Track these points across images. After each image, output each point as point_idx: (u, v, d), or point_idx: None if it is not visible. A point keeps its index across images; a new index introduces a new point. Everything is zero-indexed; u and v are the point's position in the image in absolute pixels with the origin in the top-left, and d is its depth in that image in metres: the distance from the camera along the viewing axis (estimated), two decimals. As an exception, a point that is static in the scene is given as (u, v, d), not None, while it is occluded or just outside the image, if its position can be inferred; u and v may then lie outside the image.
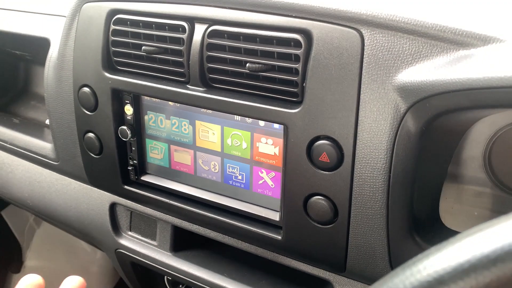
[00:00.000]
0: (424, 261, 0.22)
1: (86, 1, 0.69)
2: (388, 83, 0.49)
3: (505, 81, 0.40)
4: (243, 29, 0.57)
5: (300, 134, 0.55)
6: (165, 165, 0.72)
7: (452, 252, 0.21)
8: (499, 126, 0.58)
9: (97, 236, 0.89)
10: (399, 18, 0.48)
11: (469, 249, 0.21)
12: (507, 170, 0.58)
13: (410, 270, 0.23)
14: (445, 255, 0.21)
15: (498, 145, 0.58)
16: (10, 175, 0.99)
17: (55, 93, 0.77)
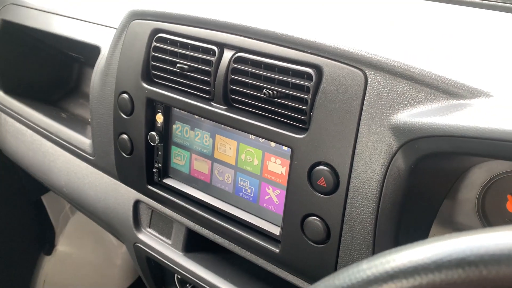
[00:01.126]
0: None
1: (135, 18, 0.78)
2: (384, 122, 0.54)
3: (482, 133, 0.44)
4: (265, 59, 0.63)
5: (303, 158, 0.60)
6: (185, 171, 0.79)
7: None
8: (495, 173, 0.61)
9: (120, 229, 0.97)
10: (400, 64, 0.53)
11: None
12: (498, 216, 0.61)
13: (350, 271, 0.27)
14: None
15: (493, 190, 0.61)
16: (52, 163, 1.10)
17: (98, 95, 0.87)
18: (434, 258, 0.24)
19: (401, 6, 0.80)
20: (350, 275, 0.26)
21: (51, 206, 1.73)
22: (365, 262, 0.26)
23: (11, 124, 1.22)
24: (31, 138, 1.15)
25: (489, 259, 0.22)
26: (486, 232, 0.23)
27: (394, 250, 0.26)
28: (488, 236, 0.23)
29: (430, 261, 0.24)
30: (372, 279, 0.25)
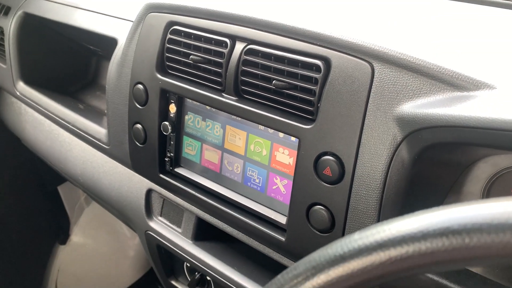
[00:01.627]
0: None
1: (151, 11, 0.81)
2: (389, 113, 0.55)
3: (484, 123, 0.45)
4: (275, 51, 0.65)
5: (310, 148, 0.62)
6: (196, 161, 0.81)
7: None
8: (501, 167, 0.61)
9: (132, 217, 0.99)
10: (406, 56, 0.54)
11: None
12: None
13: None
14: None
15: (498, 185, 0.62)
16: (69, 152, 1.13)
17: (114, 86, 0.89)
18: (420, 228, 0.25)
19: (407, 1, 0.81)
20: (343, 245, 0.28)
21: (67, 196, 1.77)
22: (357, 233, 0.28)
23: (31, 114, 1.26)
24: (49, 128, 1.18)
25: (471, 228, 0.23)
26: (469, 205, 0.25)
27: (385, 222, 0.27)
28: (471, 208, 0.24)
29: (416, 231, 0.25)
30: (363, 248, 0.27)
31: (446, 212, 0.25)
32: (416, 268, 0.25)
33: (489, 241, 0.23)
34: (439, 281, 0.55)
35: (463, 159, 0.59)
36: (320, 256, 0.28)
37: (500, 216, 0.23)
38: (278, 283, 0.30)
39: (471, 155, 0.59)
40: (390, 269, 0.26)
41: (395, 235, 0.26)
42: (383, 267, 0.26)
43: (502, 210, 0.23)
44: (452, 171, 0.60)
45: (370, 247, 0.26)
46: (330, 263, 0.27)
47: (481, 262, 0.24)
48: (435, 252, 0.24)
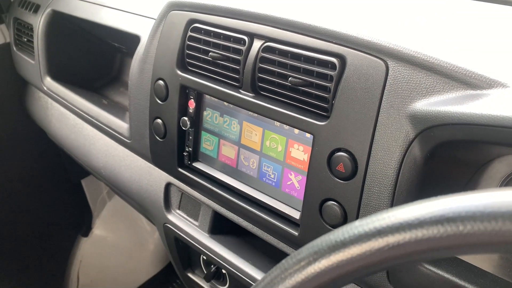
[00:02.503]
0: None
1: (173, 9, 0.83)
2: (403, 110, 0.55)
3: (495, 120, 0.45)
4: (292, 48, 0.66)
5: (324, 144, 0.63)
6: (214, 156, 0.83)
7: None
8: (516, 167, 0.61)
9: (151, 210, 1.02)
10: (420, 54, 0.55)
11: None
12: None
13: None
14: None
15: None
16: (92, 146, 1.17)
17: (137, 81, 0.92)
18: (417, 216, 0.26)
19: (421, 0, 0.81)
20: (344, 232, 0.29)
21: (90, 190, 1.82)
22: (358, 221, 0.29)
23: (57, 109, 1.30)
24: (73, 122, 1.22)
25: (465, 216, 0.24)
26: (465, 195, 0.26)
27: (385, 211, 0.28)
28: (467, 197, 0.25)
29: (414, 218, 0.26)
30: (363, 234, 0.28)
31: (442, 201, 0.26)
32: (413, 255, 0.26)
33: (481, 229, 0.24)
34: (450, 278, 0.56)
35: (477, 158, 0.59)
36: (322, 242, 0.30)
37: (492, 205, 0.24)
38: (283, 267, 0.31)
39: (485, 154, 0.59)
40: (388, 255, 0.27)
41: (393, 222, 0.27)
42: (381, 252, 0.27)
43: (494, 199, 0.24)
44: (466, 170, 0.60)
45: (370, 233, 0.27)
46: (331, 249, 0.29)
47: (474, 249, 0.25)
48: (430, 239, 0.25)
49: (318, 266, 0.29)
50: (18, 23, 1.35)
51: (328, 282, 0.29)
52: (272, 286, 0.31)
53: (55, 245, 1.79)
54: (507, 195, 0.24)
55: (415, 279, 0.59)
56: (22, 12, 1.32)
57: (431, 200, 0.26)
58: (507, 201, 0.24)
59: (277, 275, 0.31)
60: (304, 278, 0.30)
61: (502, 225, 0.23)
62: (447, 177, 0.59)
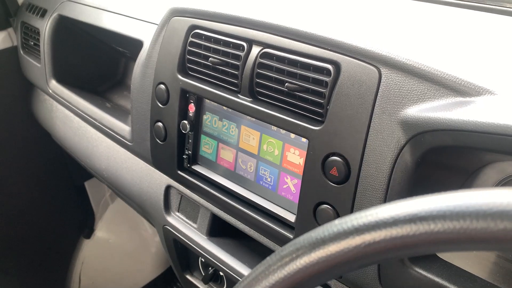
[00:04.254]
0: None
1: (174, 15, 0.85)
2: (394, 116, 0.57)
3: (481, 127, 0.46)
4: (289, 55, 0.68)
5: (319, 148, 0.64)
6: (212, 159, 0.85)
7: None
8: (508, 173, 0.62)
9: (151, 211, 1.04)
10: (412, 62, 0.56)
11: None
12: None
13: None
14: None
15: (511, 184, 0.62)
16: (95, 148, 1.19)
17: (139, 85, 0.94)
18: (392, 215, 0.27)
19: (413, 8, 0.83)
20: (324, 230, 0.30)
21: (93, 192, 1.84)
22: (337, 220, 0.30)
23: (61, 111, 1.32)
24: (77, 124, 1.25)
25: (436, 215, 0.26)
26: (438, 195, 0.27)
27: (363, 210, 0.30)
28: (439, 197, 0.26)
29: (389, 217, 0.27)
30: (341, 232, 0.29)
31: (417, 201, 0.27)
32: (388, 252, 0.28)
33: (451, 227, 0.25)
34: (440, 282, 0.57)
35: (469, 164, 0.60)
36: (304, 240, 0.31)
37: (461, 205, 0.25)
38: (267, 264, 0.32)
39: (476, 161, 0.60)
40: (365, 252, 0.28)
41: (370, 220, 0.28)
42: (358, 249, 0.28)
43: (465, 200, 0.25)
44: (458, 176, 0.61)
45: (348, 231, 0.29)
46: (312, 246, 0.30)
47: (445, 247, 0.26)
48: (404, 237, 0.27)
49: (299, 262, 0.30)
50: (25, 27, 1.38)
51: (309, 277, 0.30)
52: (257, 281, 0.32)
53: (57, 247, 1.81)
54: (476, 196, 0.25)
55: (406, 282, 0.60)
56: (30, 17, 1.35)
57: (407, 200, 0.28)
58: (475, 201, 0.25)
59: (262, 271, 0.32)
60: (287, 274, 0.31)
61: (470, 223, 0.24)
62: (439, 183, 0.60)
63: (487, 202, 0.25)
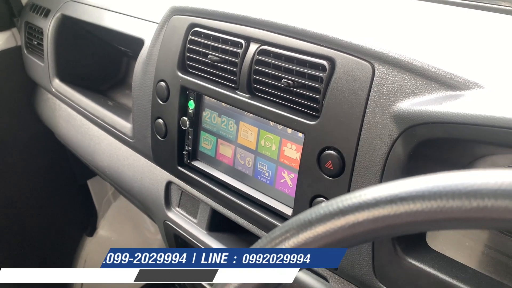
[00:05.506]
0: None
1: (174, 14, 0.87)
2: (387, 111, 0.58)
3: (469, 119, 0.48)
4: (285, 51, 0.69)
5: (314, 142, 0.66)
6: (212, 155, 0.87)
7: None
8: (499, 166, 0.63)
9: (152, 207, 1.05)
10: (405, 57, 0.57)
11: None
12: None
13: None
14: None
15: (496, 185, 0.64)
16: (97, 146, 1.20)
17: (140, 83, 0.96)
18: (375, 196, 0.29)
19: (407, 6, 0.85)
20: (311, 212, 0.32)
21: (96, 190, 1.86)
22: (324, 203, 0.32)
23: (64, 110, 1.34)
24: (80, 122, 1.26)
25: (415, 195, 0.27)
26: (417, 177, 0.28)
27: (348, 193, 0.31)
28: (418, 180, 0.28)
29: (372, 198, 0.29)
30: (327, 214, 0.31)
31: (398, 183, 0.29)
32: (371, 232, 0.29)
33: (429, 206, 0.27)
34: (433, 272, 0.58)
35: (460, 158, 0.61)
36: (293, 222, 0.32)
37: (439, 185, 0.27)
38: (258, 246, 0.34)
39: (468, 154, 0.61)
40: (349, 232, 0.30)
41: (354, 202, 0.30)
42: (342, 230, 0.30)
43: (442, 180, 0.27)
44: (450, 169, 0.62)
45: (333, 212, 0.30)
46: (300, 227, 0.32)
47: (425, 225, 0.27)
48: (385, 217, 0.28)
49: (288, 243, 0.32)
50: (29, 27, 1.40)
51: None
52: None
53: (60, 244, 1.83)
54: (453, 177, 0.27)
55: (400, 274, 0.61)
56: (33, 17, 1.37)
57: (388, 183, 0.29)
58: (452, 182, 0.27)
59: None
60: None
61: (446, 202, 0.26)
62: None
63: (463, 183, 0.26)
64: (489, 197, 0.25)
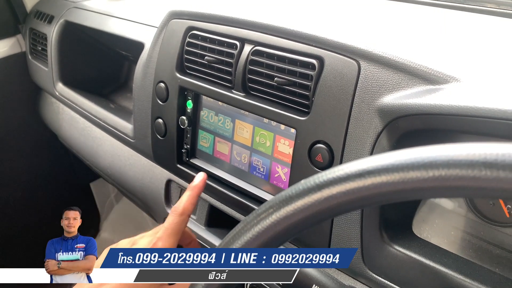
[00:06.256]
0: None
1: (173, 18, 0.91)
2: (372, 105, 0.62)
3: (446, 109, 0.51)
4: (277, 51, 0.73)
5: (305, 137, 0.69)
6: (209, 152, 0.90)
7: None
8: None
9: (153, 206, 1.09)
10: (388, 55, 0.61)
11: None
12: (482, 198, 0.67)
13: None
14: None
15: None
16: (99, 147, 1.24)
17: (140, 84, 1.00)
18: (346, 171, 0.32)
19: (391, 8, 0.89)
20: (292, 189, 0.35)
21: (98, 193, 1.90)
22: (303, 180, 0.35)
23: (67, 113, 1.38)
24: (83, 125, 1.30)
25: (381, 169, 0.31)
26: (385, 153, 0.32)
27: (324, 171, 0.35)
28: (385, 155, 0.31)
29: (343, 173, 0.32)
30: (306, 189, 0.34)
31: (367, 159, 0.32)
32: (346, 204, 0.33)
33: (393, 178, 0.30)
34: (417, 258, 0.61)
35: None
36: (276, 199, 0.36)
37: (401, 158, 0.30)
38: (245, 222, 0.37)
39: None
40: (326, 205, 0.33)
41: (328, 177, 0.33)
42: (319, 203, 0.33)
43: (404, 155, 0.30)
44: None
45: (311, 187, 0.34)
46: (282, 203, 0.35)
47: (390, 196, 0.31)
48: (355, 190, 0.32)
49: (273, 217, 0.35)
50: (33, 33, 1.45)
51: (281, 231, 0.35)
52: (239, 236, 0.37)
53: (63, 246, 1.86)
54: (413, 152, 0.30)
55: (387, 260, 0.64)
56: (38, 23, 1.41)
57: (359, 160, 0.33)
58: (412, 156, 0.30)
59: (241, 228, 0.37)
60: (261, 229, 0.36)
61: (406, 174, 0.29)
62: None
63: (421, 156, 0.30)
64: (443, 167, 0.28)
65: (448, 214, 0.69)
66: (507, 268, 0.59)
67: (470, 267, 0.59)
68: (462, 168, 0.27)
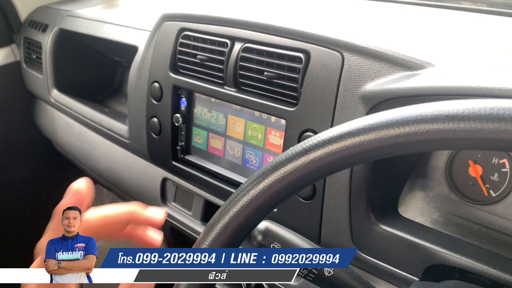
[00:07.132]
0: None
1: (165, 21, 0.95)
2: (356, 93, 0.66)
3: (420, 91, 0.56)
4: (266, 47, 0.77)
5: (295, 127, 0.73)
6: (204, 148, 0.94)
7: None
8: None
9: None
10: (369, 45, 0.65)
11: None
12: (463, 180, 0.71)
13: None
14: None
15: (458, 157, 0.71)
16: (95, 151, 1.27)
17: (135, 85, 1.03)
18: (329, 135, 0.36)
19: (374, 6, 0.94)
20: (283, 155, 0.39)
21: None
22: (292, 147, 0.39)
23: (63, 119, 1.41)
24: (78, 130, 1.33)
25: (364, 128, 0.34)
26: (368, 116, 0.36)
27: (311, 138, 0.38)
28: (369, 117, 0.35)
29: (327, 137, 0.36)
30: (295, 154, 0.38)
31: (350, 123, 0.36)
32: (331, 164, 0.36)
33: (370, 137, 0.34)
34: (403, 236, 0.65)
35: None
36: (267, 166, 0.40)
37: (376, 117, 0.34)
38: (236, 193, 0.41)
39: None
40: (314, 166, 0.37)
41: (314, 141, 0.37)
42: (306, 164, 0.37)
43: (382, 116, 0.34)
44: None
45: (299, 152, 0.38)
46: (274, 168, 0.39)
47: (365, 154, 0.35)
48: (338, 149, 0.35)
49: (266, 182, 0.39)
50: (28, 42, 1.48)
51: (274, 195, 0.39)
52: (236, 202, 0.41)
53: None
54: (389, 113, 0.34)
55: (375, 239, 0.68)
56: (32, 32, 1.45)
57: (339, 125, 0.37)
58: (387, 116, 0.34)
59: (236, 194, 0.41)
60: (255, 193, 0.40)
61: (381, 131, 0.33)
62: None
63: (394, 116, 0.33)
64: (412, 123, 0.32)
65: (431, 196, 0.73)
66: (485, 241, 0.63)
67: (452, 241, 0.63)
68: (428, 123, 0.31)
